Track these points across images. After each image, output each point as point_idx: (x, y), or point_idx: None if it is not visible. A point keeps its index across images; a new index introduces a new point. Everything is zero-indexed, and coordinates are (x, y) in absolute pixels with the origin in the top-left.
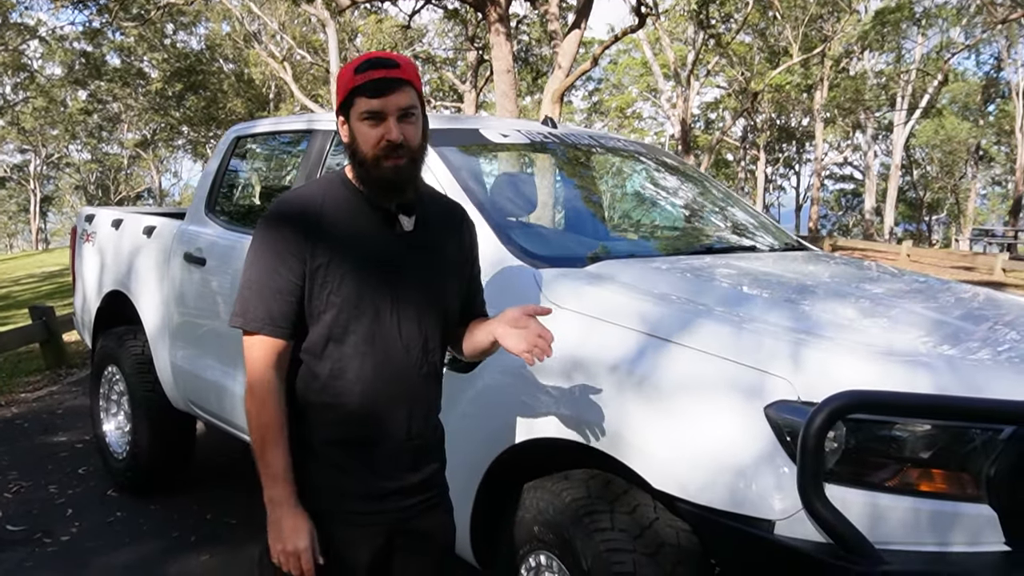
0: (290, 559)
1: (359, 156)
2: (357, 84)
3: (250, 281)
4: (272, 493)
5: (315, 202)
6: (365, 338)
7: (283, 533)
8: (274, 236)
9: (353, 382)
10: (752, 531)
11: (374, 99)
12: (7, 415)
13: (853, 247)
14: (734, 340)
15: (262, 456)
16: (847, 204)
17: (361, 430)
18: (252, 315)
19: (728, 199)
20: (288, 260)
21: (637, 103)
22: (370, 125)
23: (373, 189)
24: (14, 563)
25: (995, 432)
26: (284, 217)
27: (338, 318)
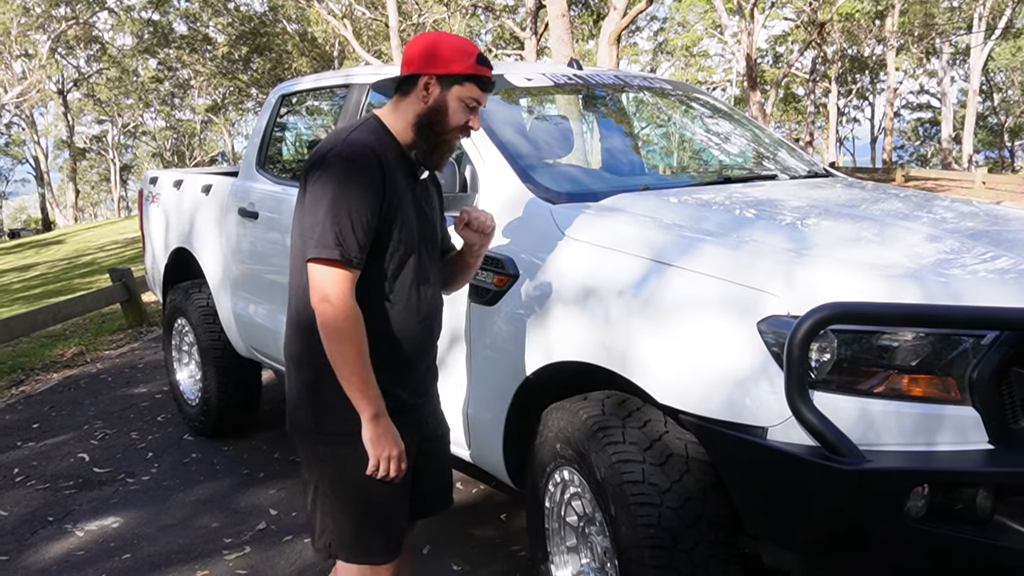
0: (392, 462)
1: (440, 125)
2: (478, 74)
3: (337, 212)
4: (375, 409)
5: (377, 144)
6: (415, 273)
7: (388, 441)
8: (357, 174)
9: (401, 311)
10: (747, 437)
11: (485, 92)
12: (92, 371)
13: (926, 177)
14: (730, 261)
15: (360, 379)
16: (924, 134)
17: (406, 354)
18: (348, 246)
19: (755, 131)
20: (370, 198)
21: (703, 41)
22: (466, 109)
23: (433, 152)
24: (102, 500)
25: (978, 338)
26: (361, 157)
27: (395, 254)
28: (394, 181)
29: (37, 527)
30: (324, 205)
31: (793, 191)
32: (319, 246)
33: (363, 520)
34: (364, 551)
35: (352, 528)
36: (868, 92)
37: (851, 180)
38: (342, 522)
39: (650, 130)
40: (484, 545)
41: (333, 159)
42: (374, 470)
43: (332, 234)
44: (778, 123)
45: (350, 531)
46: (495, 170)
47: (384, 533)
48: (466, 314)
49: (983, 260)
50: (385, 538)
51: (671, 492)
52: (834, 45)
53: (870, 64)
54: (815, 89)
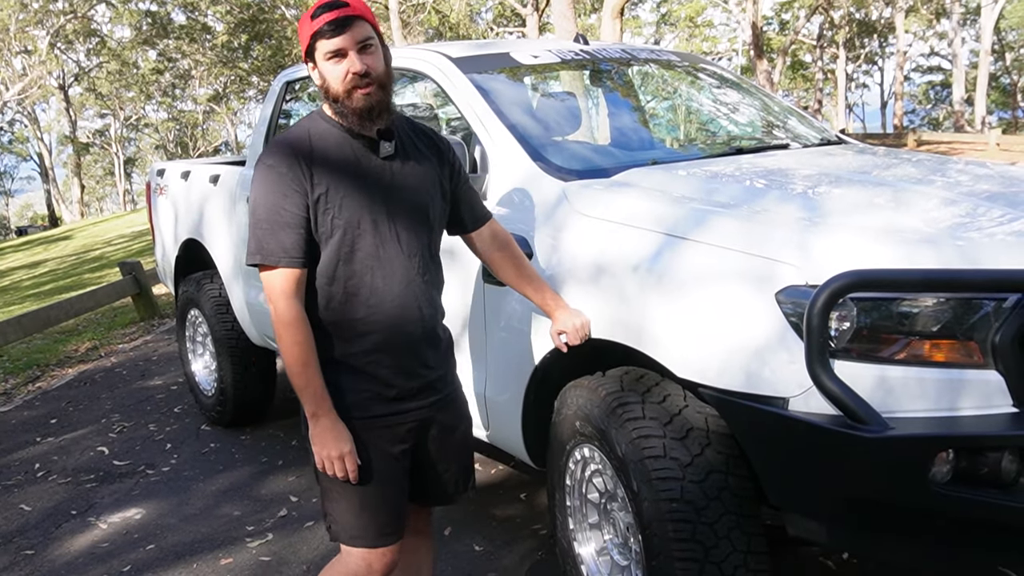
0: (335, 463)
1: (332, 93)
2: (316, 29)
3: (260, 220)
4: (314, 408)
5: (304, 139)
6: (371, 253)
7: (328, 441)
8: (275, 175)
9: (368, 295)
10: (768, 409)
11: (333, 38)
12: (107, 364)
13: (938, 141)
14: (746, 233)
15: (302, 376)
16: (936, 97)
17: (380, 338)
18: (268, 250)
19: (765, 100)
20: (291, 195)
21: (707, 10)
22: (335, 63)
23: (352, 120)
24: (123, 492)
25: (1000, 301)
26: (280, 156)
27: (344, 239)
28: (326, 170)
29: (61, 521)
30: (251, 211)
31: (806, 160)
32: (249, 252)
33: (355, 506)
34: (359, 535)
35: (346, 513)
36: (877, 56)
37: (863, 146)
38: (338, 506)
39: (659, 104)
40: (505, 525)
41: (259, 164)
42: (320, 467)
43: (255, 240)
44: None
45: (345, 515)
46: (505, 150)
47: (377, 518)
48: (481, 295)
49: (1001, 223)
50: (379, 523)
51: (693, 466)
52: (841, 9)
53: (878, 28)
54: (823, 55)
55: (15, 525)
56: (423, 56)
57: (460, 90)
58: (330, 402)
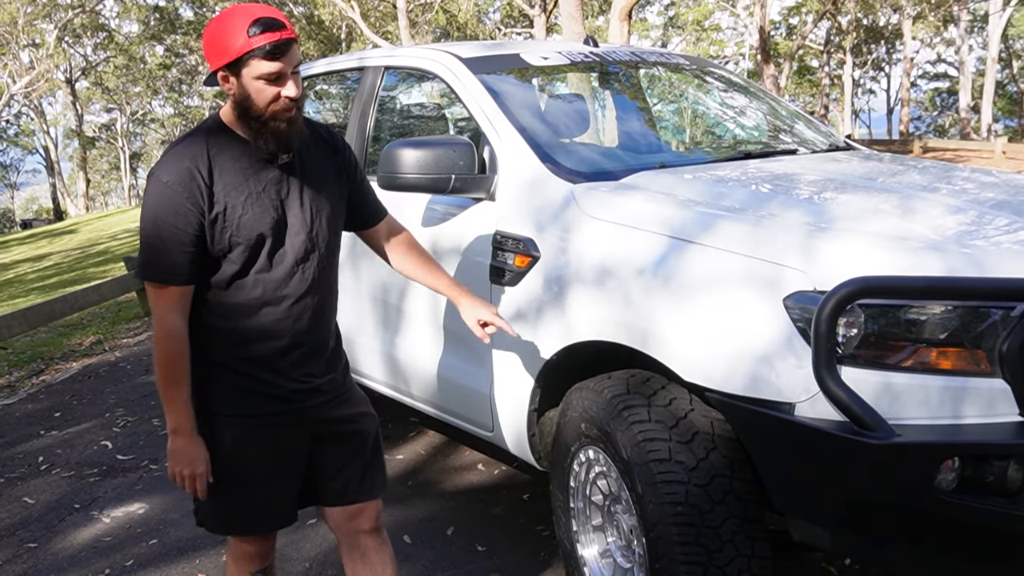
0: (187, 481)
1: (253, 112)
2: (254, 47)
3: (150, 236)
4: (177, 423)
5: (202, 154)
6: (264, 267)
7: (184, 458)
8: (170, 192)
9: (257, 307)
10: (774, 414)
11: (273, 61)
12: (111, 359)
13: (944, 148)
14: (753, 237)
15: (168, 390)
16: (942, 104)
17: (269, 347)
18: (158, 268)
19: (773, 104)
20: (185, 214)
21: (715, 14)
22: (267, 84)
23: (266, 140)
24: (126, 487)
25: (1008, 310)
26: (176, 174)
27: (239, 253)
28: (225, 184)
29: (64, 514)
30: (143, 227)
31: (813, 165)
32: (138, 267)
33: (219, 496)
34: (221, 524)
35: (210, 503)
36: (884, 63)
37: (871, 153)
38: (211, 496)
39: (668, 107)
40: (508, 525)
41: (150, 180)
42: (171, 479)
43: (145, 255)
44: (792, 96)
45: (208, 505)
46: (513, 150)
47: (239, 512)
48: (487, 296)
49: (1007, 231)
50: (242, 516)
51: (698, 470)
52: (849, 15)
53: (886, 34)
54: (829, 61)
55: (18, 518)
56: (432, 56)
57: (470, 90)
58: (193, 418)
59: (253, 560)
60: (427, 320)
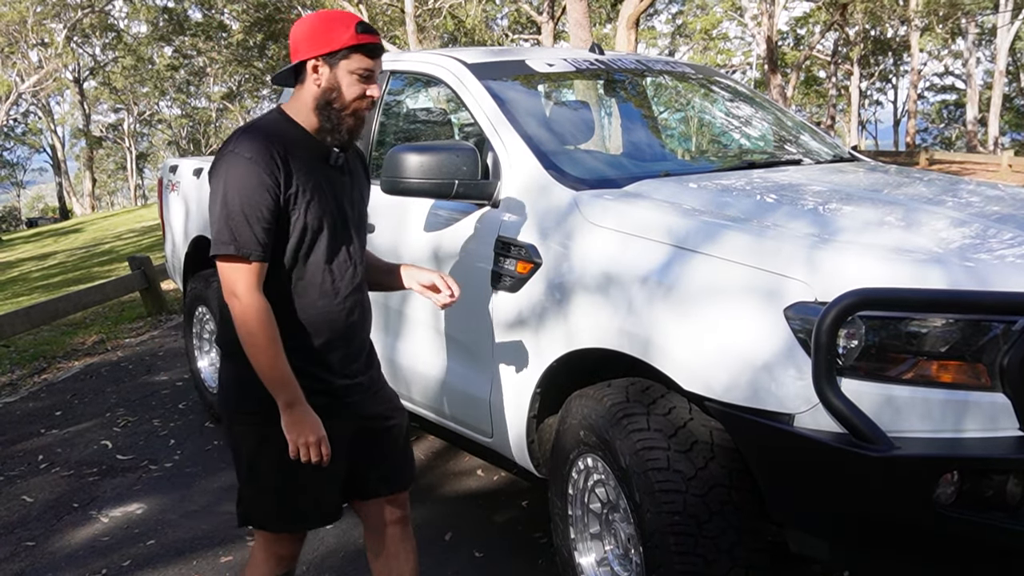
0: (311, 448)
1: (337, 104)
2: (360, 43)
3: (233, 211)
4: (289, 396)
5: (276, 137)
6: (325, 256)
7: (306, 427)
8: (251, 167)
9: (316, 296)
10: (774, 424)
11: (372, 60)
12: (113, 359)
13: (950, 160)
14: (755, 248)
15: (272, 368)
16: (949, 116)
17: (321, 338)
18: (243, 242)
19: (778, 115)
20: (267, 188)
21: (723, 23)
22: (359, 80)
23: (342, 131)
24: (125, 487)
25: (1009, 324)
26: (257, 149)
27: (304, 239)
28: (296, 169)
29: (62, 513)
30: (219, 203)
31: (817, 176)
32: (217, 243)
33: (265, 493)
34: (263, 519)
35: (255, 498)
36: (891, 74)
37: (875, 164)
38: (249, 491)
39: (673, 115)
40: (506, 532)
41: (226, 156)
42: (295, 454)
43: (227, 231)
44: (799, 106)
45: (253, 499)
46: (517, 157)
47: (286, 508)
48: (489, 301)
49: (1011, 244)
50: (290, 511)
51: (696, 479)
52: (856, 26)
53: (893, 45)
54: (837, 72)
55: (16, 516)
56: (439, 61)
57: (475, 96)
58: (300, 391)
59: (281, 563)
60: (428, 325)
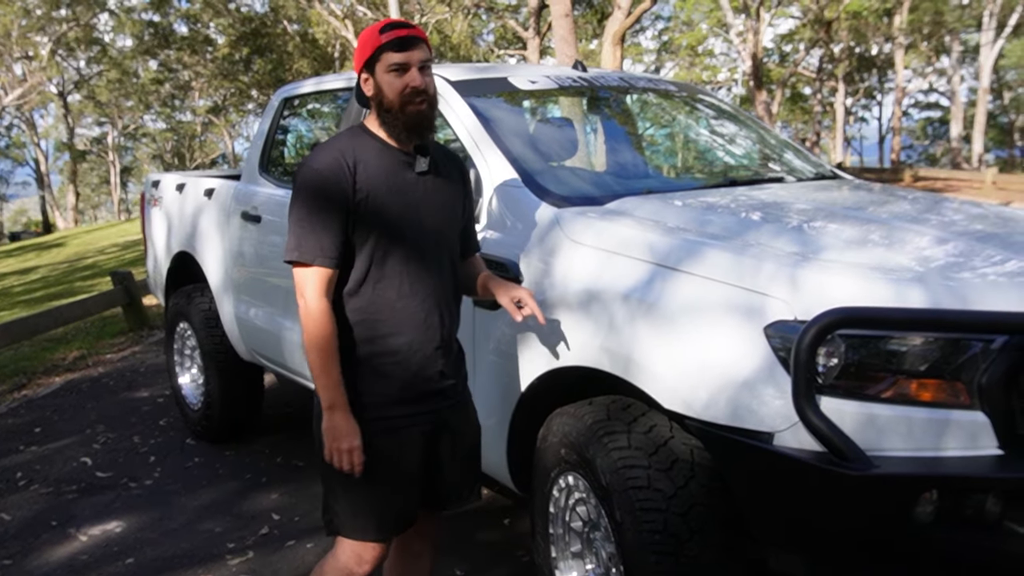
0: (343, 456)
1: (386, 104)
2: (384, 41)
3: (300, 218)
4: (332, 400)
5: (348, 147)
6: (402, 260)
7: (339, 433)
8: (320, 178)
9: (395, 299)
10: (753, 443)
11: (400, 52)
12: (94, 374)
13: (935, 177)
14: (736, 265)
15: (323, 371)
16: (934, 133)
17: (403, 344)
18: (306, 248)
19: (761, 132)
20: (334, 197)
21: (708, 40)
22: (396, 76)
23: (400, 131)
24: (103, 505)
25: (988, 343)
26: (326, 160)
27: (378, 245)
28: (369, 176)
29: (40, 531)
30: (293, 211)
31: (800, 193)
32: (288, 249)
33: (358, 501)
34: (358, 528)
35: (348, 507)
36: (876, 91)
37: (859, 182)
38: (342, 501)
39: (655, 132)
40: (487, 550)
41: (302, 168)
42: (329, 458)
43: (295, 237)
44: (784, 123)
45: (347, 510)
46: (499, 174)
47: (381, 517)
48: (471, 319)
49: (993, 263)
50: (381, 521)
51: (677, 497)
52: (841, 43)
53: (878, 63)
54: (822, 88)
55: None
56: None
57: (457, 113)
58: (346, 397)
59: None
60: None
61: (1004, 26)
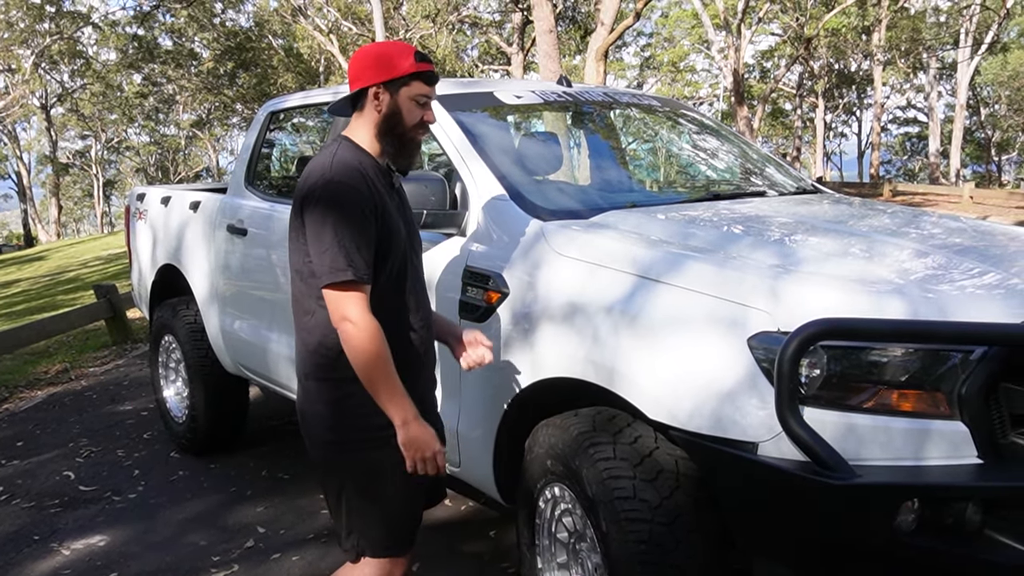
0: (428, 463)
1: (398, 128)
2: (420, 71)
3: (342, 237)
4: (404, 415)
5: (360, 165)
6: (411, 279)
7: (421, 444)
8: (355, 196)
9: (410, 318)
10: (737, 453)
11: (430, 87)
12: (77, 388)
13: (913, 192)
14: (719, 278)
15: (390, 387)
16: (912, 148)
17: (414, 360)
18: (356, 266)
19: (743, 147)
20: (369, 216)
21: (690, 56)
22: (419, 107)
23: (396, 153)
24: (87, 518)
25: (967, 353)
26: (355, 179)
27: (394, 265)
28: (380, 195)
29: (22, 546)
30: (329, 231)
31: (781, 207)
32: (333, 271)
33: (387, 519)
34: (390, 545)
35: (377, 526)
36: (855, 107)
37: (839, 196)
38: (368, 521)
39: (639, 147)
40: (473, 561)
41: (327, 186)
42: (412, 470)
43: (343, 258)
44: (766, 138)
45: (375, 529)
46: (485, 187)
47: (405, 528)
48: None
49: (971, 276)
50: (406, 532)
51: (662, 508)
52: (821, 60)
53: (857, 79)
54: (802, 104)
55: None
56: None
57: (443, 127)
58: (415, 408)
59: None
60: None
61: (980, 44)
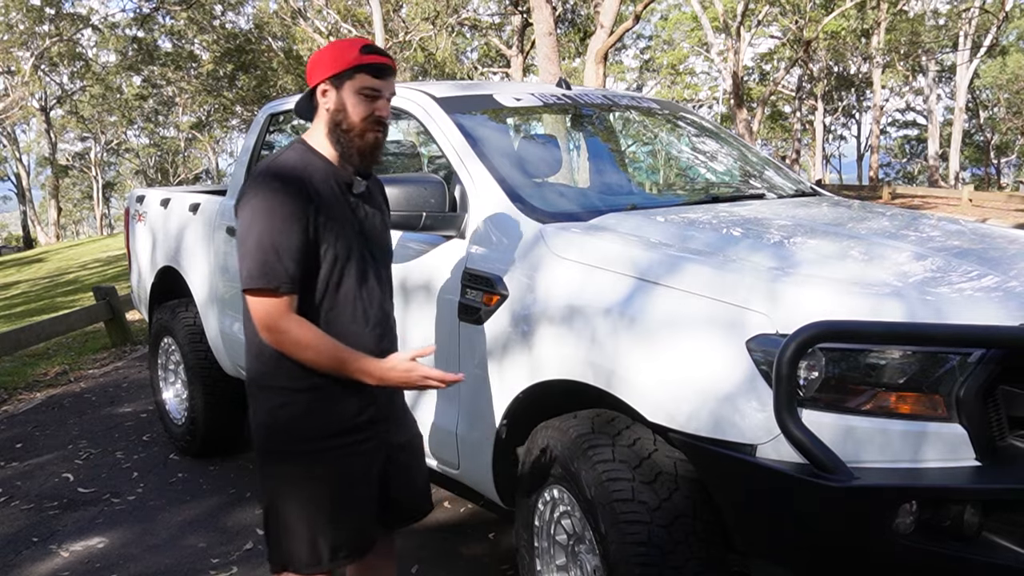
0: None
1: (345, 124)
2: (364, 63)
3: (262, 244)
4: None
5: (301, 168)
6: (352, 287)
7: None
8: (279, 199)
9: (348, 324)
10: (736, 455)
11: (377, 79)
12: (76, 390)
13: (912, 194)
14: (718, 280)
15: (348, 365)
16: (911, 151)
17: None
18: (273, 275)
19: (742, 150)
20: (297, 221)
21: (689, 59)
22: (365, 100)
23: (352, 154)
24: (86, 520)
25: (965, 356)
26: (283, 181)
27: (333, 270)
28: (323, 199)
29: (21, 548)
30: (252, 236)
31: (780, 210)
32: (250, 277)
33: (312, 534)
34: (311, 563)
35: (300, 541)
36: (854, 110)
37: (837, 199)
38: (292, 535)
39: (638, 149)
40: (472, 564)
41: (256, 189)
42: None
43: (258, 264)
44: (765, 140)
45: (299, 543)
46: (484, 190)
47: (331, 546)
48: (456, 333)
49: (969, 278)
50: (332, 551)
51: (660, 510)
52: (820, 63)
53: (856, 82)
54: (801, 107)
55: None
56: (407, 95)
57: (443, 129)
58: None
59: None
60: None
61: (979, 47)
